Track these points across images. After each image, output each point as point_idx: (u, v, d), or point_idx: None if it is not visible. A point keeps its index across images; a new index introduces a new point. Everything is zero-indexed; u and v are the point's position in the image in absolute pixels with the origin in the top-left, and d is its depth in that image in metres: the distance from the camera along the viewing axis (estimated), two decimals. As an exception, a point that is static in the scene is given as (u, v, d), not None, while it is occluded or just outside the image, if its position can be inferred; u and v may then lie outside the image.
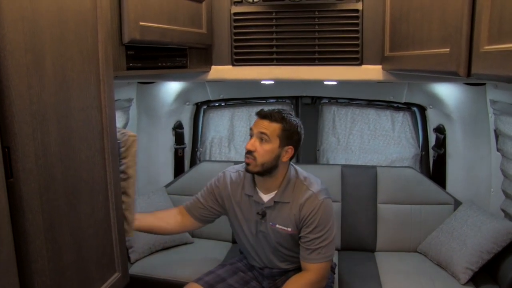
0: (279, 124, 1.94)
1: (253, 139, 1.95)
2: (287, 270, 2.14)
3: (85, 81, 1.20)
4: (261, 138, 1.93)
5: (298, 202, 1.97)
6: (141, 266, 2.51)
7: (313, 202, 1.95)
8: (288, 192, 2.01)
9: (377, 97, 2.97)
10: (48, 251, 1.03)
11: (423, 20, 1.43)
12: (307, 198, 1.96)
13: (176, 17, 1.82)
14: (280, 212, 2.01)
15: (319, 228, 1.94)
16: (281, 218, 2.01)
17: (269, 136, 1.92)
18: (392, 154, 3.06)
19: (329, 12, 2.05)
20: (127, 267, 1.48)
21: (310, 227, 1.94)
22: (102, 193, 1.30)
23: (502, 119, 2.40)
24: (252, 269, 2.23)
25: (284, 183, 2.01)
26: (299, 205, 1.97)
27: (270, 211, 2.02)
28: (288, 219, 1.99)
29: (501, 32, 0.89)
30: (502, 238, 2.23)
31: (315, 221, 1.94)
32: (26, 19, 0.95)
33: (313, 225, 1.94)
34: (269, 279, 2.17)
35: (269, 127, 1.93)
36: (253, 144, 1.94)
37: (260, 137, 1.94)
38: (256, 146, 1.93)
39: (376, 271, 2.47)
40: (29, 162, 0.96)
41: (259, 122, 1.96)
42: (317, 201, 1.95)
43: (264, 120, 1.95)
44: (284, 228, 2.00)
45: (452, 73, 1.16)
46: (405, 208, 2.70)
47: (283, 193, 2.01)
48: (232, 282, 2.09)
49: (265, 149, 1.93)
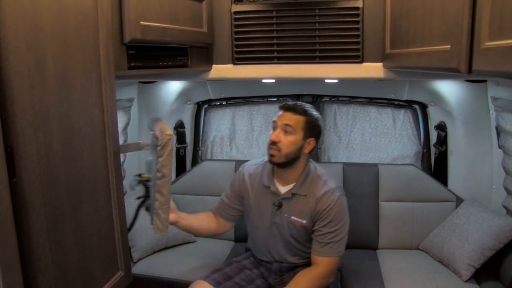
0: (302, 117, 2.00)
1: (278, 131, 2.00)
2: (295, 265, 2.15)
3: (87, 81, 1.21)
4: (286, 130, 1.99)
5: (315, 196, 2.02)
6: (143, 266, 2.51)
7: (330, 197, 2.00)
8: (306, 186, 2.06)
9: (378, 95, 2.97)
10: (51, 250, 1.03)
11: (424, 17, 1.43)
12: (324, 192, 2.01)
13: (177, 16, 1.82)
14: (296, 204, 2.06)
15: (333, 223, 1.99)
16: (297, 210, 2.05)
17: (293, 127, 1.98)
18: (393, 152, 3.06)
19: (330, 10, 2.05)
20: (130, 266, 1.48)
21: (325, 221, 1.99)
22: (104, 192, 1.30)
23: (503, 116, 2.39)
24: (259, 266, 2.24)
25: (303, 176, 2.07)
26: (316, 199, 2.01)
27: (287, 203, 2.07)
28: (303, 211, 2.04)
29: (502, 28, 0.89)
30: (504, 235, 2.23)
31: (330, 215, 1.99)
32: (27, 19, 0.95)
33: (328, 219, 1.99)
34: (276, 274, 2.18)
35: (293, 119, 1.99)
36: (278, 135, 1.99)
37: (284, 129, 1.99)
38: (281, 138, 1.99)
39: (378, 268, 2.47)
40: (32, 161, 0.97)
41: (283, 115, 2.01)
42: (333, 196, 2.00)
43: (289, 112, 2.00)
44: (299, 220, 2.04)
45: (453, 70, 1.16)
46: (407, 205, 2.70)
47: (301, 186, 2.06)
48: (238, 280, 2.10)
49: (289, 140, 1.98)
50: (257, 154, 3.19)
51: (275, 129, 2.02)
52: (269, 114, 3.19)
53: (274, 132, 2.01)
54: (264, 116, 3.20)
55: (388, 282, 2.30)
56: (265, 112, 3.20)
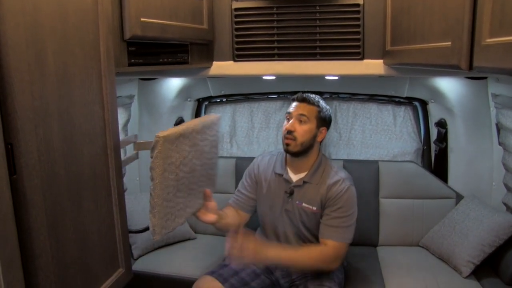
0: (315, 107, 2.12)
1: (293, 121, 2.09)
2: None
3: (87, 77, 1.21)
4: (300, 119, 2.09)
5: (326, 184, 2.11)
6: (144, 263, 2.52)
7: (341, 186, 2.08)
8: (318, 175, 2.15)
9: (378, 91, 2.96)
10: (52, 247, 1.03)
11: (424, 13, 1.42)
12: (335, 181, 2.10)
13: (177, 13, 1.82)
14: (307, 191, 2.13)
15: (343, 209, 2.06)
16: (308, 198, 2.13)
17: (308, 117, 2.09)
18: (394, 149, 3.05)
19: (330, 6, 2.04)
20: (131, 263, 1.48)
21: (334, 207, 2.06)
22: (105, 189, 1.30)
23: (503, 112, 2.39)
24: None
25: (315, 165, 2.16)
26: (327, 186, 2.10)
27: (298, 190, 2.15)
28: (314, 198, 2.11)
29: (503, 25, 0.89)
30: (503, 232, 2.23)
31: (340, 202, 2.06)
32: (26, 15, 0.95)
33: (338, 205, 2.06)
34: None
35: (307, 109, 2.10)
36: (293, 125, 2.09)
37: (299, 119, 2.09)
38: (296, 127, 2.08)
39: (378, 265, 2.47)
40: (32, 158, 0.97)
41: (298, 105, 2.12)
42: (344, 185, 2.09)
43: (303, 103, 2.12)
44: (309, 207, 2.11)
45: (454, 67, 1.16)
46: (407, 202, 2.71)
47: (313, 175, 2.15)
48: (244, 275, 2.12)
49: (304, 129, 2.08)
50: (257, 151, 3.19)
51: (290, 120, 2.11)
52: (270, 111, 3.18)
53: (289, 122, 2.10)
54: (265, 113, 3.19)
55: (388, 279, 2.30)
56: (265, 109, 3.19)
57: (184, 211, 1.64)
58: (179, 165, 1.53)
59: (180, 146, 1.52)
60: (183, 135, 1.53)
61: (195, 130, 1.60)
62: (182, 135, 1.52)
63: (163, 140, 1.43)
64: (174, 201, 1.55)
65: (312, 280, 2.07)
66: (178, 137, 1.50)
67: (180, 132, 1.51)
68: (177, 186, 1.54)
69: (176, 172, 1.52)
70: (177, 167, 1.52)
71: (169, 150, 1.46)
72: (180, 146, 1.52)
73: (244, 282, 2.08)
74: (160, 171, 1.44)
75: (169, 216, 1.54)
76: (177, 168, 1.52)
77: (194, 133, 1.60)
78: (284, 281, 2.19)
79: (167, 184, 1.49)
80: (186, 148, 1.56)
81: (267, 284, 2.16)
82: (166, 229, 1.54)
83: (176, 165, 1.51)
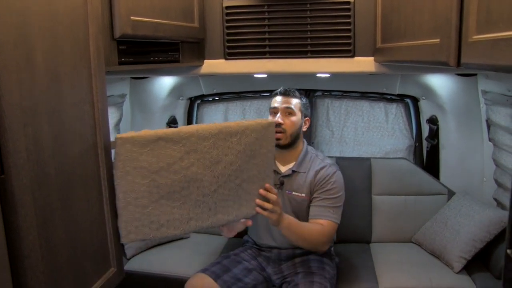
0: (298, 99, 2.25)
1: (280, 114, 2.18)
2: (293, 254, 2.24)
3: (77, 76, 1.20)
4: (287, 112, 2.19)
5: (313, 170, 2.21)
6: (137, 262, 2.52)
7: (327, 170, 2.20)
8: (305, 163, 2.25)
9: (370, 89, 2.97)
10: (42, 247, 1.03)
11: (414, 11, 1.43)
12: (322, 166, 2.21)
13: (168, 11, 1.81)
14: (295, 180, 2.22)
15: (331, 191, 2.16)
16: (297, 185, 2.21)
17: (294, 109, 2.19)
18: (386, 146, 3.07)
19: (321, 4, 2.05)
20: (122, 262, 1.48)
21: (323, 189, 2.16)
22: (96, 188, 1.30)
23: (493, 109, 2.41)
24: (257, 256, 2.29)
25: (302, 155, 2.26)
26: (315, 172, 2.20)
27: (287, 180, 2.23)
28: (303, 185, 2.20)
29: (488, 22, 0.90)
30: (494, 227, 2.25)
31: (328, 184, 2.16)
32: (14, 13, 0.94)
33: (326, 187, 2.16)
34: (275, 263, 2.25)
35: (293, 103, 2.21)
36: (282, 118, 2.17)
37: (286, 112, 2.19)
38: (284, 120, 2.18)
39: (371, 262, 2.48)
40: (21, 157, 0.96)
41: (283, 99, 2.21)
42: (331, 169, 2.21)
43: (287, 97, 2.22)
44: (299, 194, 2.20)
45: (443, 63, 1.17)
46: (400, 199, 2.72)
47: (301, 164, 2.25)
48: (237, 272, 2.13)
49: (292, 121, 2.19)
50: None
51: (276, 114, 2.19)
52: (262, 109, 3.19)
53: (277, 116, 2.18)
54: (257, 111, 3.20)
55: (381, 275, 2.32)
56: (257, 107, 3.20)
57: (184, 223, 1.53)
58: (159, 171, 1.43)
59: (159, 150, 1.42)
60: (165, 139, 1.43)
61: (194, 136, 1.49)
62: (162, 138, 1.42)
63: (121, 141, 1.36)
64: (156, 209, 1.45)
65: (304, 277, 2.08)
66: (154, 140, 1.40)
67: (159, 136, 1.41)
68: (160, 194, 1.45)
69: (153, 178, 1.42)
70: (154, 172, 1.42)
71: (134, 153, 1.37)
72: (159, 150, 1.42)
73: (237, 278, 2.09)
74: (120, 173, 1.36)
75: (143, 222, 1.44)
76: (154, 174, 1.42)
77: (193, 138, 1.49)
78: (276, 277, 2.20)
79: (133, 188, 1.39)
80: (174, 154, 1.45)
81: (259, 280, 2.17)
82: (137, 234, 1.44)
83: (151, 170, 1.41)
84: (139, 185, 1.40)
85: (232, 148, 1.59)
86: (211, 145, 1.53)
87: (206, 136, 1.51)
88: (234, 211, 1.67)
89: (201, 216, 1.57)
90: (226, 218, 1.65)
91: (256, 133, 1.66)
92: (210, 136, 1.52)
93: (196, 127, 1.52)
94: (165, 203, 1.46)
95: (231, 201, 1.64)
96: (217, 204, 1.60)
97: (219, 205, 1.60)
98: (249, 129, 1.63)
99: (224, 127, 1.57)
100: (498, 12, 0.85)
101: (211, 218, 1.60)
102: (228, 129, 1.57)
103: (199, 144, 1.50)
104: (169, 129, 1.47)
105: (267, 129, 1.70)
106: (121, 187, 1.38)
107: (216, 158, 1.55)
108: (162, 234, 1.49)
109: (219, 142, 1.55)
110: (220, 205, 1.61)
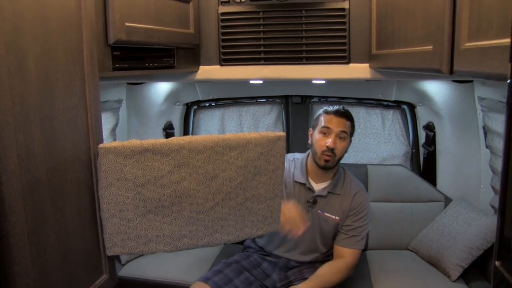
0: (351, 122, 2.20)
1: (334, 138, 2.12)
2: (301, 263, 2.26)
3: (70, 82, 1.20)
4: (340, 136, 2.13)
5: (349, 195, 2.21)
6: (131, 268, 2.51)
7: (362, 196, 2.22)
8: (339, 185, 2.24)
9: (366, 95, 2.98)
10: (32, 253, 1.02)
11: (407, 18, 1.44)
12: (357, 191, 2.22)
13: (163, 17, 1.81)
14: (330, 201, 2.21)
15: (364, 218, 2.19)
16: (331, 207, 2.21)
17: (347, 134, 2.16)
18: (382, 152, 3.07)
19: (316, 11, 2.05)
20: (115, 269, 1.47)
21: (357, 216, 2.18)
22: (88, 194, 1.29)
23: (490, 115, 2.41)
24: (262, 262, 2.27)
25: (337, 177, 2.25)
26: (351, 197, 2.20)
27: (320, 200, 2.21)
28: (337, 209, 2.20)
29: (479, 29, 0.90)
30: (491, 234, 2.25)
31: (363, 211, 2.19)
32: (6, 19, 0.94)
33: (361, 214, 2.18)
34: (282, 269, 2.24)
35: (347, 126, 2.16)
36: (335, 142, 2.12)
37: (339, 135, 2.13)
38: (337, 144, 2.13)
39: (367, 269, 2.47)
40: (12, 163, 0.96)
41: (339, 121, 2.14)
42: (364, 195, 2.24)
43: (343, 118, 2.16)
44: (332, 217, 2.20)
45: (436, 70, 1.17)
46: (396, 206, 2.72)
47: (336, 186, 2.23)
48: (238, 283, 2.11)
49: (343, 146, 2.15)
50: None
51: (328, 135, 2.11)
52: (258, 115, 3.19)
53: (331, 139, 2.11)
54: (253, 117, 3.20)
55: (377, 283, 2.31)
56: (254, 113, 3.20)
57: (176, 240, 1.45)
58: (145, 184, 1.33)
59: (145, 162, 1.32)
60: (152, 151, 1.32)
61: (185, 148, 1.36)
62: (148, 150, 1.32)
63: (104, 151, 1.28)
64: (143, 224, 1.37)
65: None
66: (140, 151, 1.31)
67: (146, 147, 1.31)
68: (147, 208, 1.36)
69: (138, 191, 1.33)
70: (139, 185, 1.33)
71: (117, 164, 1.29)
72: (145, 162, 1.32)
73: None
74: (103, 184, 1.30)
75: (128, 236, 1.37)
76: (140, 187, 1.33)
77: (184, 151, 1.36)
78: (281, 284, 2.18)
79: (117, 200, 1.32)
80: (162, 167, 1.35)
81: None
82: (122, 248, 1.37)
83: (136, 183, 1.33)
84: (123, 197, 1.33)
85: (231, 163, 1.43)
86: (205, 159, 1.39)
87: (199, 149, 1.38)
88: (236, 231, 1.52)
89: (196, 234, 1.46)
90: (226, 238, 1.51)
91: (261, 148, 1.48)
92: (204, 149, 1.38)
93: (188, 138, 1.38)
94: (153, 217, 1.38)
95: (232, 221, 1.50)
96: (214, 222, 1.47)
97: (217, 224, 1.47)
98: (252, 142, 1.46)
99: (221, 139, 1.41)
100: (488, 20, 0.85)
101: (207, 237, 1.48)
102: (226, 142, 1.42)
103: (192, 157, 1.37)
104: (158, 140, 1.34)
105: (275, 143, 1.50)
106: (104, 198, 1.31)
107: (212, 173, 1.41)
108: (151, 249, 1.42)
109: (215, 156, 1.41)
110: (218, 224, 1.48)
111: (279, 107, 3.16)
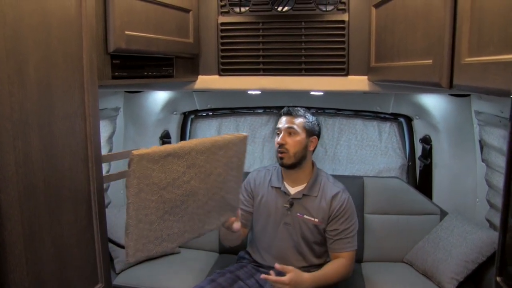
0: (301, 118, 2.23)
1: (283, 134, 2.20)
2: None
3: (69, 89, 1.19)
4: (289, 132, 2.20)
5: (327, 196, 2.20)
6: (126, 277, 2.48)
7: (342, 197, 2.20)
8: (316, 187, 2.24)
9: (364, 107, 2.98)
10: (28, 261, 1.01)
11: (407, 31, 1.45)
12: (336, 193, 2.21)
13: (163, 26, 1.82)
14: (307, 204, 2.22)
15: (349, 219, 2.18)
16: (309, 210, 2.21)
17: (296, 129, 2.19)
18: (379, 165, 3.07)
19: (316, 23, 2.06)
20: (111, 277, 1.46)
21: (341, 219, 2.17)
22: (85, 202, 1.29)
23: (486, 129, 2.42)
24: (255, 273, 2.26)
25: (313, 178, 2.26)
26: (329, 199, 2.19)
27: (297, 202, 2.23)
28: (316, 210, 2.20)
29: (480, 45, 0.91)
30: (486, 248, 2.24)
31: (345, 213, 2.17)
32: (7, 25, 0.94)
33: (344, 217, 2.17)
34: None
35: (296, 122, 2.21)
36: (284, 138, 2.19)
37: (288, 131, 2.20)
38: (286, 139, 2.19)
39: (362, 282, 2.46)
40: (9, 170, 0.95)
41: (286, 119, 2.24)
42: (345, 196, 2.21)
43: (289, 116, 2.24)
44: (311, 219, 2.20)
45: (435, 84, 1.18)
46: (392, 218, 2.71)
47: (312, 187, 2.24)
48: None
49: (294, 141, 2.19)
50: (243, 165, 3.17)
51: (280, 134, 2.22)
52: (256, 126, 3.19)
53: (280, 136, 2.21)
54: (251, 127, 3.19)
55: (372, 295, 2.30)
56: (251, 123, 3.20)
57: (179, 236, 1.53)
58: (166, 187, 1.42)
59: (167, 166, 1.41)
60: (173, 155, 1.43)
61: (194, 150, 1.50)
62: (170, 154, 1.42)
63: (138, 158, 1.33)
64: (161, 224, 1.44)
65: None
66: (164, 156, 1.40)
67: (168, 151, 1.41)
68: (165, 209, 1.44)
69: (161, 193, 1.41)
70: (162, 188, 1.41)
71: (148, 170, 1.36)
72: (167, 166, 1.41)
73: None
74: (134, 190, 1.35)
75: (149, 239, 1.43)
76: (162, 190, 1.41)
77: (193, 153, 1.50)
78: None
79: (144, 205, 1.39)
80: (179, 168, 1.45)
81: None
82: (143, 252, 1.43)
83: (160, 186, 1.40)
84: (149, 201, 1.40)
85: (220, 161, 1.64)
86: (205, 159, 1.56)
87: (202, 150, 1.54)
88: (216, 220, 1.72)
89: (193, 228, 1.59)
90: (209, 228, 1.69)
91: (236, 146, 1.71)
92: (205, 150, 1.55)
93: (194, 141, 1.54)
94: (168, 218, 1.47)
95: (215, 212, 1.69)
96: (205, 215, 1.63)
97: (206, 216, 1.64)
98: (232, 142, 1.69)
99: (214, 141, 1.60)
100: (489, 36, 0.86)
101: (199, 230, 1.63)
102: (217, 143, 1.61)
103: (197, 158, 1.53)
104: (174, 145, 1.47)
105: (242, 142, 1.76)
106: (134, 205, 1.36)
107: (209, 171, 1.59)
108: (163, 248, 1.49)
109: (211, 156, 1.59)
110: (206, 216, 1.64)
111: (276, 117, 3.16)
